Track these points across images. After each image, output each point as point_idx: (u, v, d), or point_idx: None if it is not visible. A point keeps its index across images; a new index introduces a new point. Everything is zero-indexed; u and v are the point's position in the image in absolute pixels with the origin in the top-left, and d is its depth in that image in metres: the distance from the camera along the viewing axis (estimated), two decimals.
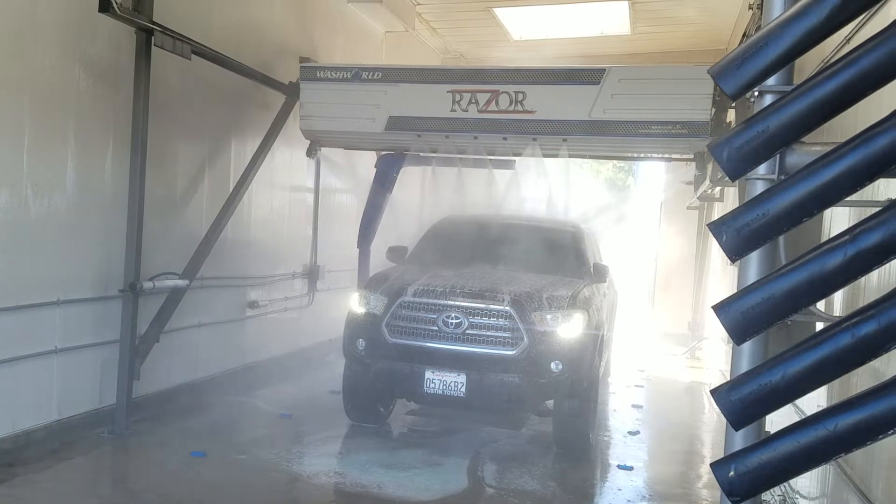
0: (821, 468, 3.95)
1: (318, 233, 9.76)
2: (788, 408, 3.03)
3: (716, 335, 10.60)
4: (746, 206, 1.97)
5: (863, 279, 2.06)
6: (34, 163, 5.46)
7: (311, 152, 8.25)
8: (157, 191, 6.65)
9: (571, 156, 7.92)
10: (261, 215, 8.59)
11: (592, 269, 7.50)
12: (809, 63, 4.69)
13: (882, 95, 1.99)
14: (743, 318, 1.93)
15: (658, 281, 15.20)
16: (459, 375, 6.14)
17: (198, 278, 7.07)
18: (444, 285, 6.45)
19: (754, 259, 2.30)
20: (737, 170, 2.02)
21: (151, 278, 6.38)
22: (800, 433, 1.83)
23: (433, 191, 8.74)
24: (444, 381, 6.17)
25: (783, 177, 2.17)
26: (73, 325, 5.93)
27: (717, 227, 1.99)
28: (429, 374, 6.19)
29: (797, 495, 5.34)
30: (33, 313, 5.55)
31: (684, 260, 14.15)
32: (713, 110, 6.91)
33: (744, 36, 7.06)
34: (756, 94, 2.29)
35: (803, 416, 1.95)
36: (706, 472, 6.43)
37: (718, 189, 9.92)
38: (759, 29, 2.12)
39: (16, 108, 5.31)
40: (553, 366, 6.12)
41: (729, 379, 2.11)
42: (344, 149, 8.79)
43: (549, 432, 6.82)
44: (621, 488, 6.05)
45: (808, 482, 5.03)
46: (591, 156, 9.12)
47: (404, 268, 7.25)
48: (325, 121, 7.92)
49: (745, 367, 2.25)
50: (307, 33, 9.29)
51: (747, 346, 2.29)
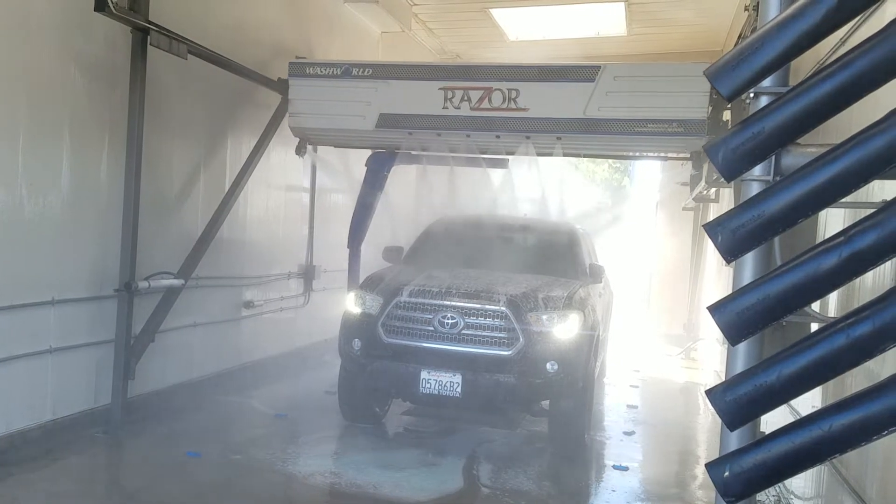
0: (815, 468, 3.96)
1: (314, 232, 9.75)
2: (783, 408, 3.04)
3: (711, 336, 10.62)
4: (742, 208, 1.98)
5: (857, 280, 2.06)
6: (29, 162, 5.45)
7: (300, 150, 8.15)
8: (152, 190, 6.63)
9: (565, 154, 7.80)
10: (256, 215, 8.57)
11: (588, 270, 7.50)
12: (805, 65, 4.70)
13: (877, 97, 2.00)
14: (738, 319, 1.94)
15: (654, 281, 15.23)
16: (455, 375, 6.14)
17: (193, 278, 7.06)
18: (440, 285, 6.45)
19: (749, 260, 2.30)
20: (732, 171, 2.02)
21: (147, 278, 6.37)
22: (795, 434, 1.84)
23: (426, 190, 8.58)
24: (440, 382, 6.17)
25: (779, 178, 2.18)
26: (68, 324, 5.92)
27: (712, 228, 1.99)
28: (424, 374, 6.19)
29: (792, 496, 5.35)
30: (28, 313, 5.53)
31: (680, 261, 14.17)
32: (710, 108, 6.82)
33: (739, 37, 7.04)
34: (752, 95, 2.30)
35: (798, 417, 1.95)
36: (701, 473, 6.44)
37: (714, 190, 9.94)
38: (754, 31, 2.12)
39: (11, 107, 5.30)
40: (548, 366, 6.13)
41: (724, 379, 2.11)
42: (334, 147, 8.64)
43: (545, 432, 6.83)
44: (616, 489, 6.05)
45: (803, 482, 5.04)
46: (586, 154, 8.87)
47: (400, 268, 7.25)
48: (315, 118, 7.80)
49: (740, 368, 2.25)
50: (303, 33, 9.28)
51: (742, 347, 2.30)
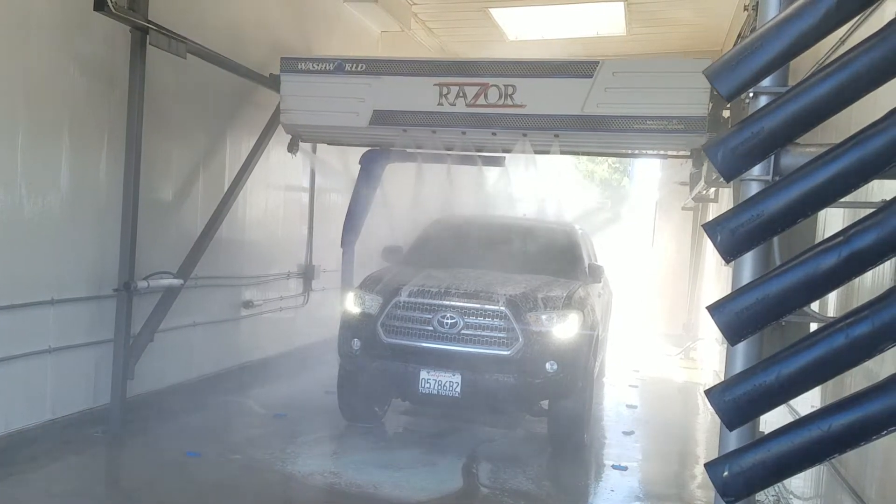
0: (815, 468, 3.96)
1: (314, 232, 9.75)
2: (782, 408, 3.04)
3: (710, 335, 10.62)
4: (741, 207, 1.98)
5: (857, 280, 2.06)
6: (28, 161, 5.44)
7: (292, 147, 8.02)
8: (151, 190, 6.64)
9: (563, 152, 7.66)
10: (256, 215, 8.57)
11: (587, 270, 7.50)
12: (804, 65, 4.70)
13: (876, 97, 2.00)
14: (737, 319, 1.94)
15: (653, 281, 15.23)
16: (454, 375, 6.14)
17: (192, 278, 7.05)
18: (440, 285, 6.45)
19: (749, 260, 2.30)
20: (731, 171, 2.02)
21: (146, 277, 6.36)
22: (794, 433, 1.84)
23: (420, 189, 8.41)
24: (440, 381, 6.17)
25: (778, 178, 2.18)
26: (68, 324, 5.91)
27: (711, 228, 1.99)
28: (424, 374, 6.19)
29: (791, 495, 5.35)
30: (27, 312, 5.53)
31: (679, 260, 14.18)
32: (710, 105, 6.70)
33: (739, 37, 7.03)
34: (751, 95, 2.30)
35: (797, 417, 1.95)
36: (700, 472, 6.44)
37: (713, 190, 9.94)
38: (754, 30, 2.12)
39: (10, 106, 5.29)
40: (548, 366, 6.13)
41: (723, 379, 2.11)
42: (327, 144, 8.53)
43: (544, 432, 6.83)
44: (615, 488, 6.06)
45: (802, 482, 5.04)
46: (584, 152, 8.73)
47: (399, 268, 7.25)
48: (307, 115, 7.63)
49: (739, 368, 2.25)
50: (303, 33, 9.28)
51: (741, 347, 2.30)
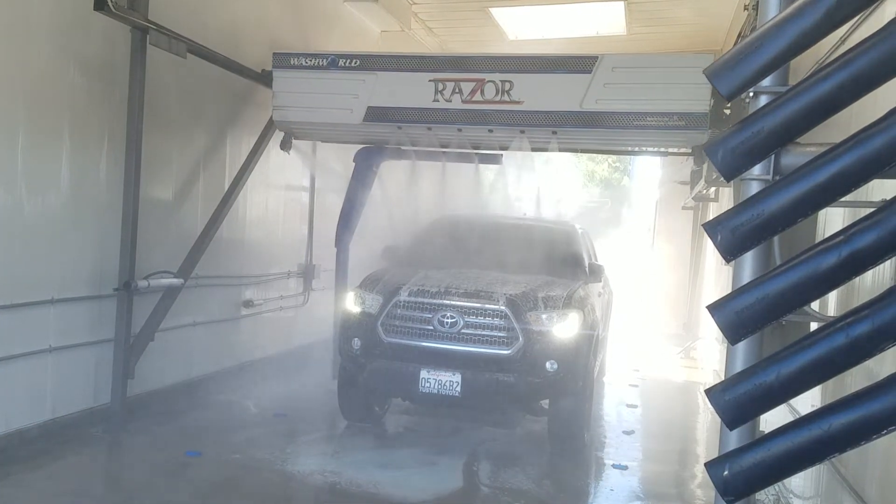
0: (815, 468, 3.96)
1: (314, 232, 9.75)
2: (783, 407, 3.04)
3: (710, 335, 10.62)
4: (741, 207, 1.98)
5: (857, 279, 2.06)
6: (29, 161, 5.45)
7: (285, 145, 7.88)
8: (151, 189, 6.64)
9: (561, 150, 7.53)
10: (256, 214, 8.57)
11: (588, 269, 7.50)
12: (804, 64, 4.69)
13: (877, 96, 2.00)
14: (737, 318, 1.93)
15: (653, 280, 15.23)
16: (454, 375, 6.14)
17: (193, 277, 7.05)
18: (440, 285, 6.44)
19: (749, 259, 2.30)
20: (732, 170, 2.02)
21: (146, 277, 6.37)
22: (794, 433, 1.84)
23: (416, 187, 8.28)
24: (440, 381, 6.16)
25: (778, 177, 2.18)
26: (68, 323, 5.92)
27: (712, 228, 1.99)
28: (424, 373, 6.19)
29: (791, 495, 5.35)
30: (27, 312, 5.53)
31: (679, 260, 14.18)
32: (712, 101, 6.54)
33: (739, 37, 7.01)
34: (751, 94, 2.29)
35: (797, 416, 1.95)
36: (700, 472, 6.44)
37: (713, 189, 9.94)
38: (754, 30, 2.12)
39: (10, 106, 5.29)
40: (548, 365, 6.13)
41: (723, 379, 2.11)
42: (321, 141, 8.40)
43: (544, 432, 6.83)
44: (615, 488, 6.06)
45: (802, 482, 5.04)
46: (583, 150, 8.52)
47: (399, 267, 7.24)
48: (300, 111, 7.49)
49: (739, 367, 2.25)
50: (303, 32, 9.27)
51: (742, 346, 2.30)
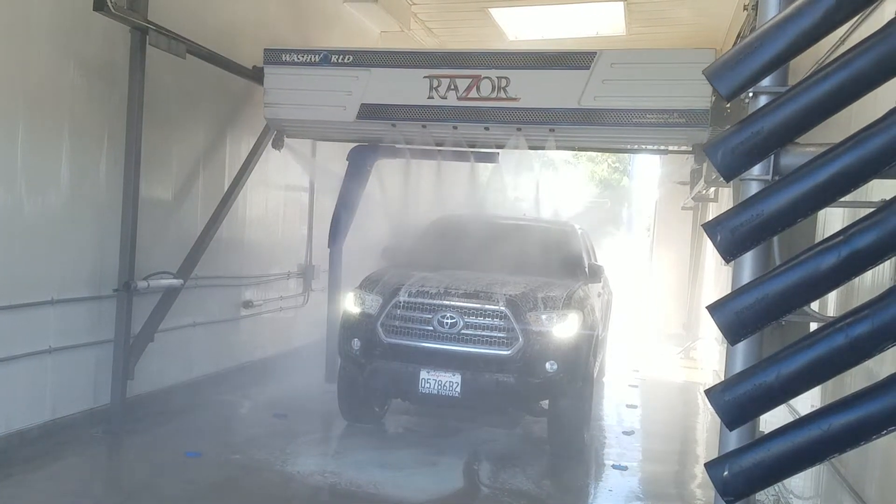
0: (814, 468, 3.96)
1: (314, 232, 9.75)
2: (782, 408, 3.04)
3: (710, 335, 10.62)
4: (741, 207, 1.98)
5: (856, 280, 2.06)
6: (28, 161, 5.45)
7: (276, 143, 7.74)
8: (151, 189, 6.64)
9: (559, 148, 7.40)
10: (256, 214, 8.57)
11: (587, 270, 7.50)
12: (804, 64, 4.70)
13: (876, 96, 2.00)
14: (737, 319, 1.93)
15: (653, 281, 15.24)
16: (454, 375, 6.14)
17: (192, 278, 7.05)
18: (440, 285, 6.44)
19: (748, 259, 2.30)
20: (731, 170, 2.02)
21: (146, 277, 6.36)
22: (794, 433, 1.84)
23: (410, 186, 8.19)
24: (440, 381, 6.16)
25: (777, 178, 2.18)
26: (68, 324, 5.91)
27: (711, 228, 1.99)
28: (424, 373, 6.19)
29: (791, 495, 5.35)
30: (27, 312, 5.53)
31: (679, 260, 14.18)
32: (713, 98, 6.39)
33: (738, 37, 7.00)
34: (751, 94, 2.29)
35: (797, 417, 1.95)
36: (700, 472, 6.44)
37: (713, 189, 9.94)
38: (753, 30, 2.12)
39: (10, 106, 5.29)
40: (548, 366, 6.12)
41: (723, 379, 2.11)
42: (314, 140, 8.23)
43: (544, 432, 6.83)
44: (615, 488, 6.06)
45: (802, 482, 5.04)
46: (581, 148, 8.36)
47: (399, 268, 7.24)
48: (292, 109, 7.35)
49: (739, 368, 2.25)
50: (302, 33, 9.27)
51: (741, 347, 2.30)
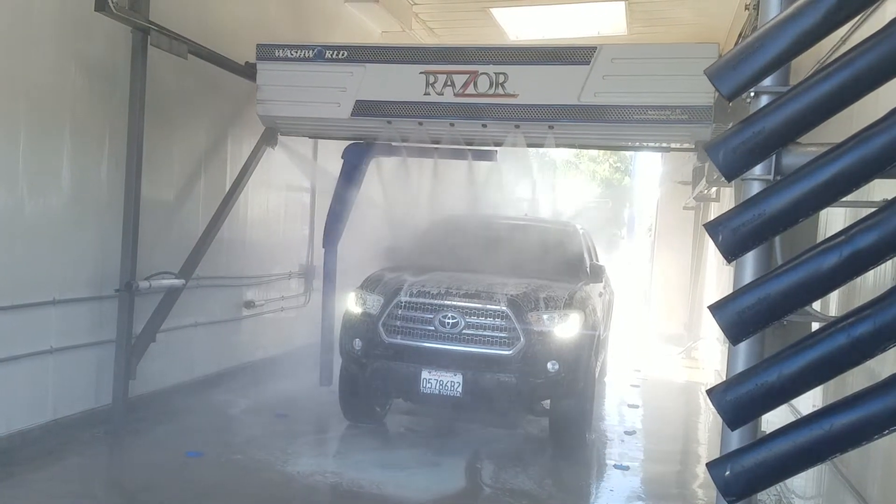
0: (816, 468, 3.96)
1: (315, 232, 9.75)
2: (784, 408, 3.04)
3: (712, 335, 10.62)
4: (742, 207, 1.97)
5: (858, 279, 2.06)
6: (30, 161, 5.45)
7: (270, 141, 7.62)
8: (153, 190, 6.64)
9: (558, 145, 7.29)
10: (257, 215, 8.58)
11: (589, 270, 7.50)
12: (805, 64, 4.69)
13: (878, 96, 2.00)
14: (739, 319, 1.93)
15: (654, 281, 15.23)
16: (456, 375, 6.14)
17: (194, 278, 7.06)
18: (441, 285, 6.45)
19: (750, 259, 2.30)
20: (733, 170, 2.02)
21: (147, 278, 6.37)
22: (795, 433, 1.84)
23: (405, 185, 8.06)
24: (441, 381, 6.17)
25: (779, 177, 2.17)
26: (69, 324, 5.92)
27: (713, 228, 1.99)
28: (425, 373, 6.19)
29: (793, 495, 5.35)
30: (29, 312, 5.53)
31: (681, 260, 14.17)
32: (716, 94, 6.15)
33: (739, 37, 6.98)
34: (752, 94, 2.29)
35: (799, 416, 1.95)
36: (702, 472, 6.44)
37: (714, 189, 9.94)
38: (755, 30, 2.12)
39: (11, 106, 5.30)
40: (549, 366, 6.13)
41: (725, 379, 2.11)
42: (308, 137, 8.15)
43: (546, 432, 6.83)
44: (617, 488, 6.06)
45: (804, 482, 5.04)
46: (581, 145, 8.19)
47: (401, 268, 7.24)
48: (285, 106, 7.22)
49: (740, 368, 2.25)
50: (303, 33, 9.28)
51: (743, 347, 2.29)
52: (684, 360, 12.40)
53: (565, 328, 6.25)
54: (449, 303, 6.29)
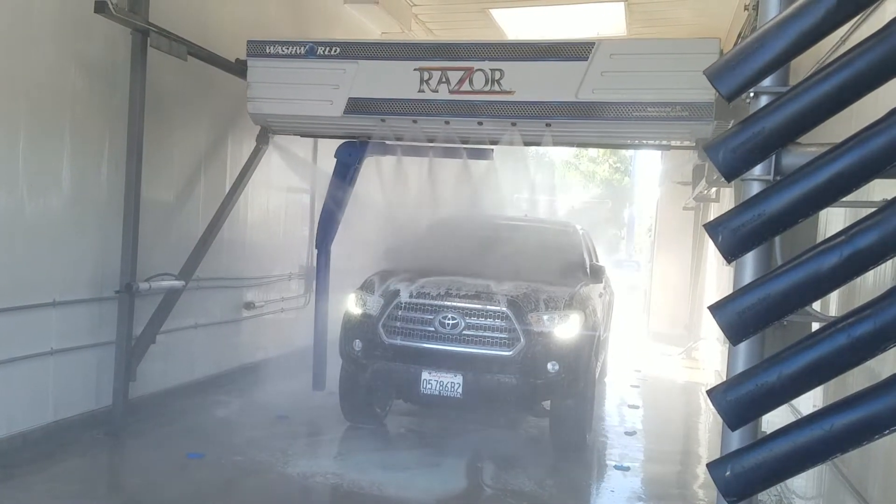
0: (817, 468, 3.96)
1: (315, 233, 9.73)
2: (784, 408, 3.04)
3: (712, 335, 10.62)
4: (742, 207, 1.97)
5: (858, 280, 2.06)
6: (30, 163, 5.45)
7: (261, 140, 7.48)
8: (152, 191, 6.64)
9: (556, 143, 7.15)
10: (257, 216, 8.57)
11: (589, 270, 7.49)
12: (805, 64, 4.69)
13: (878, 96, 2.00)
14: (739, 319, 1.93)
15: (654, 281, 15.23)
16: (456, 376, 6.14)
17: (194, 279, 7.06)
18: (441, 286, 6.44)
19: (750, 260, 2.30)
20: (732, 170, 2.02)
21: (147, 279, 6.37)
22: (796, 433, 1.84)
23: (400, 184, 7.88)
24: (441, 382, 6.16)
25: (779, 178, 2.17)
26: (70, 326, 5.92)
27: (713, 228, 1.99)
28: (425, 374, 6.19)
29: (793, 495, 5.35)
30: (29, 314, 5.53)
31: (680, 260, 14.17)
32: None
33: (739, 37, 6.97)
34: (752, 95, 2.29)
35: (799, 417, 1.95)
36: (702, 472, 6.44)
37: (714, 189, 9.94)
38: (754, 30, 2.12)
39: (11, 108, 5.30)
40: (550, 366, 6.12)
41: (725, 379, 2.11)
42: (300, 136, 7.99)
43: (546, 433, 6.83)
44: (617, 489, 6.06)
45: (804, 482, 5.03)
46: (579, 143, 8.04)
47: (401, 269, 7.23)
48: (276, 104, 7.04)
49: (741, 368, 2.25)
50: (303, 34, 9.25)
51: (743, 347, 2.29)
52: (684, 361, 12.40)
53: (565, 329, 6.25)
54: (449, 304, 6.29)
